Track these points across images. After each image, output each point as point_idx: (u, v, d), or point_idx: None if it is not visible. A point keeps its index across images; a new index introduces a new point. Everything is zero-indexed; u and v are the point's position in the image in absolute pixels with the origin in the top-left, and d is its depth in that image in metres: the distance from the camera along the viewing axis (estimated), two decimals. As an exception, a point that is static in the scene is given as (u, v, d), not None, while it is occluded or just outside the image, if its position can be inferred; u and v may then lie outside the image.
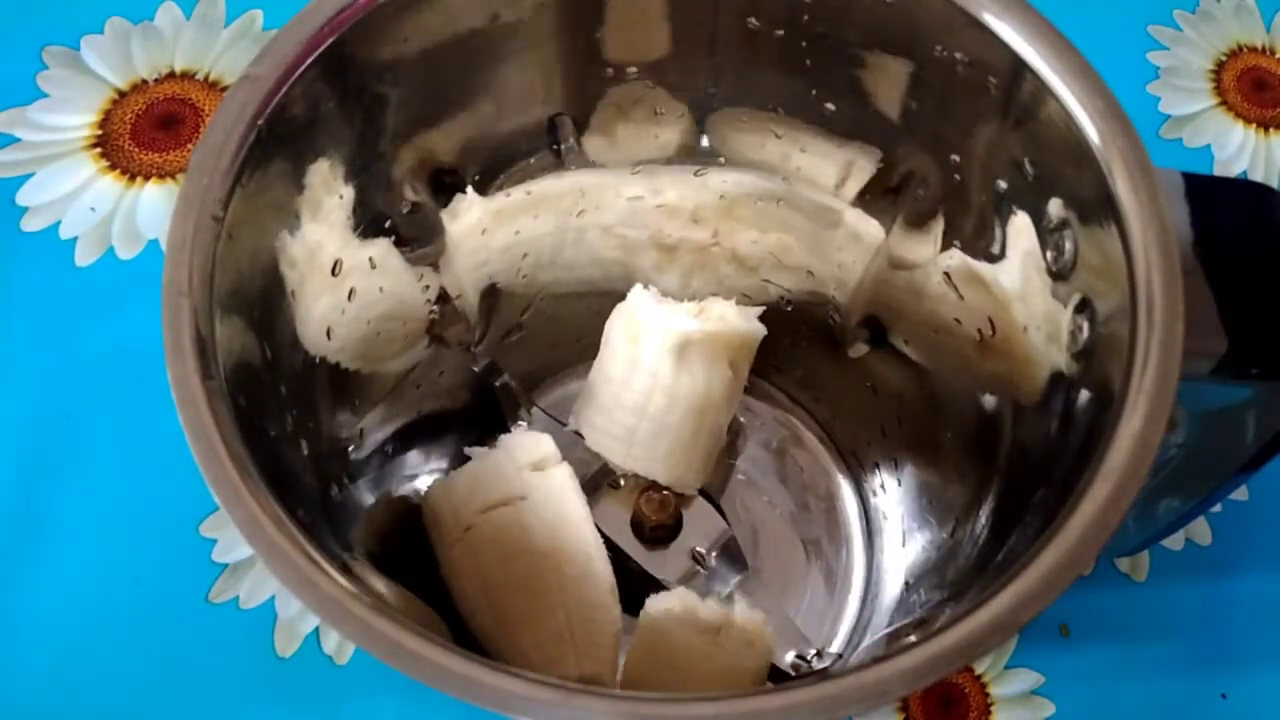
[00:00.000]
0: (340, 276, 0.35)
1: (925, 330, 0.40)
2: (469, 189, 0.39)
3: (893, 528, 0.45)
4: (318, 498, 0.34)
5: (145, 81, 0.55)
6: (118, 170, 0.53)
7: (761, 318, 0.42)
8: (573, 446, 0.43)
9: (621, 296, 0.42)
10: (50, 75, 0.55)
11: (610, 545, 0.41)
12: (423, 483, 0.43)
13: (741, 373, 0.42)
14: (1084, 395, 0.31)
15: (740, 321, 0.41)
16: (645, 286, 0.42)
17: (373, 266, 0.37)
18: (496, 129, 0.38)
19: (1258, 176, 0.57)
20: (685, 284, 0.45)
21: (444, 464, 0.44)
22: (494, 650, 0.38)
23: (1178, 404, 0.27)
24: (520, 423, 0.45)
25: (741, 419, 0.48)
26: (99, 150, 0.54)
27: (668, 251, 0.44)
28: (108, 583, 0.46)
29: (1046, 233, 0.33)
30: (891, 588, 0.44)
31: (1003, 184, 0.34)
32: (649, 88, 0.38)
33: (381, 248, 0.37)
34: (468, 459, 0.41)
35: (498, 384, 0.45)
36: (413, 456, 0.43)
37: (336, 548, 0.31)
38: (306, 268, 0.34)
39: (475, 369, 0.44)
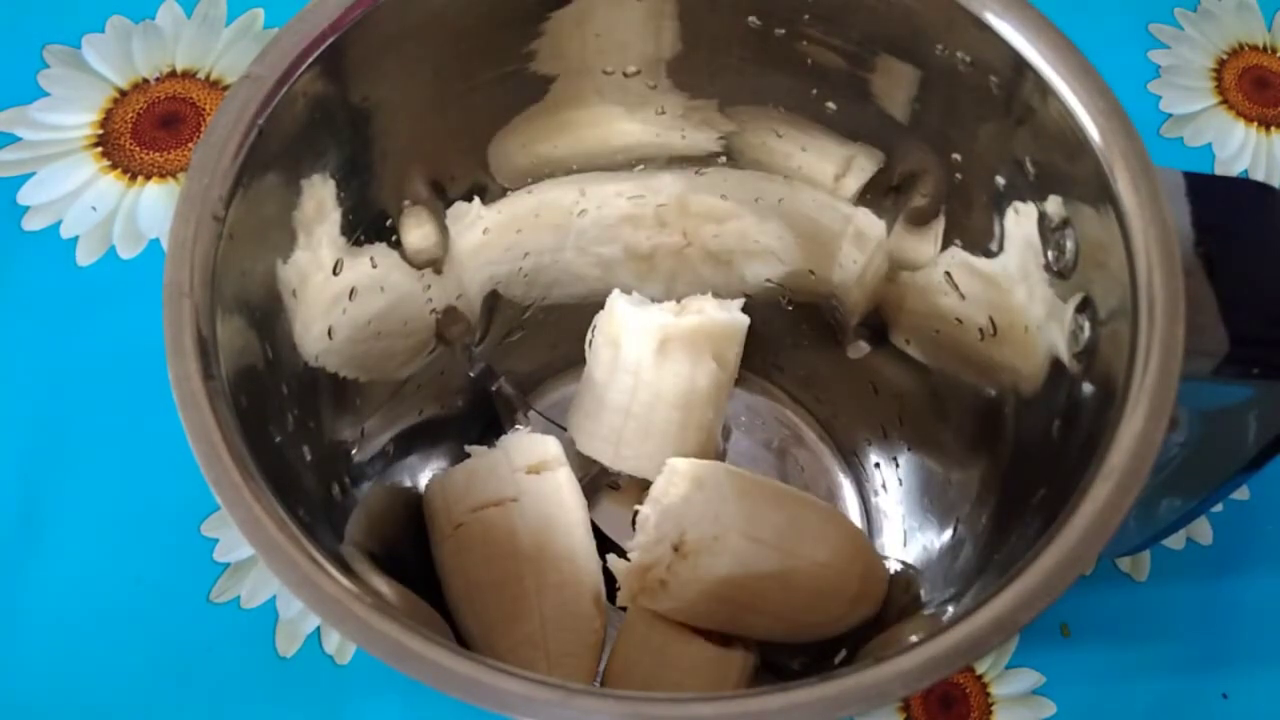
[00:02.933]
0: (341, 276, 0.35)
1: (926, 329, 0.40)
2: (470, 189, 0.39)
3: (894, 527, 0.45)
4: (319, 498, 0.34)
5: (146, 80, 0.55)
6: (119, 169, 0.53)
7: (763, 317, 0.42)
8: (571, 449, 0.43)
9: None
10: (51, 74, 0.55)
11: (614, 546, 0.41)
12: (424, 484, 0.43)
13: (728, 365, 0.42)
14: (1085, 395, 0.31)
15: (718, 312, 0.41)
16: (629, 294, 0.42)
17: (374, 266, 0.37)
18: (498, 128, 0.38)
19: (1259, 175, 0.57)
20: (669, 289, 0.45)
21: (445, 464, 0.44)
22: (477, 650, 0.38)
23: (1179, 403, 0.27)
24: (517, 427, 0.45)
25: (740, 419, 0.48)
26: (100, 149, 0.54)
27: (645, 260, 0.44)
28: (108, 582, 0.46)
29: (1048, 232, 0.33)
30: (892, 587, 0.44)
31: (1004, 183, 0.34)
32: (650, 87, 0.38)
33: (382, 247, 0.37)
34: (469, 457, 0.41)
35: (494, 388, 0.45)
36: (414, 458, 0.43)
37: (338, 548, 0.31)
38: (308, 267, 0.34)
39: (471, 374, 0.44)
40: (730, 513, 0.37)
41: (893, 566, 0.42)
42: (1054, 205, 0.32)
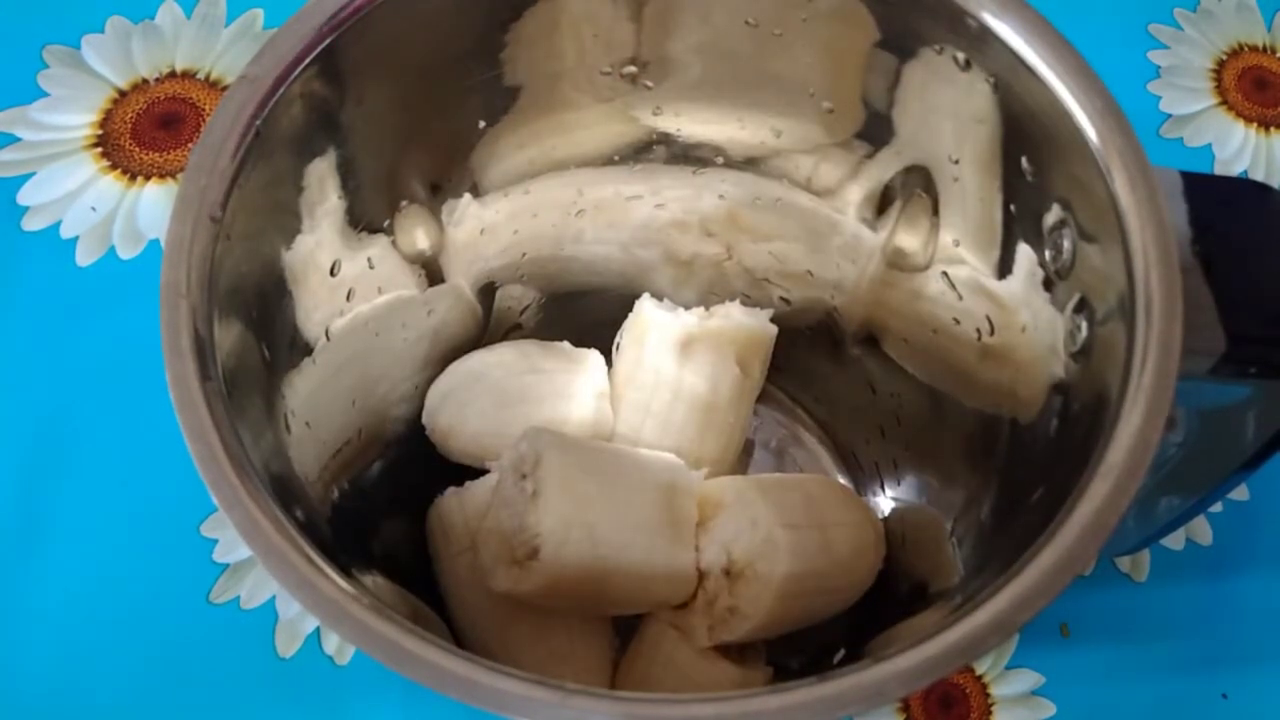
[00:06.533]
0: (338, 277, 0.35)
1: (924, 329, 0.40)
2: (467, 189, 0.39)
3: (892, 527, 0.45)
4: (317, 499, 0.34)
5: (146, 81, 0.55)
6: (118, 170, 0.53)
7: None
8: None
9: (620, 295, 0.42)
10: (51, 74, 0.55)
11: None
12: (423, 486, 0.43)
13: (754, 373, 0.42)
14: (1083, 394, 0.31)
15: (745, 318, 0.41)
16: (660, 299, 0.42)
17: (371, 267, 0.37)
18: (495, 128, 0.38)
19: (1258, 176, 0.57)
20: (703, 300, 0.45)
21: (444, 468, 0.44)
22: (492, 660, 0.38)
23: (1176, 403, 0.27)
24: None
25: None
26: (100, 150, 0.54)
27: (684, 266, 0.44)
28: (108, 583, 0.46)
29: (1045, 232, 0.33)
30: (891, 587, 0.44)
31: (1001, 183, 0.34)
32: (647, 87, 0.38)
33: (379, 248, 0.37)
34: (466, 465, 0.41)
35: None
36: (414, 460, 0.43)
37: (335, 549, 0.31)
38: (305, 268, 0.34)
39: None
40: (762, 512, 0.37)
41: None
42: (1051, 205, 0.32)
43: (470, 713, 0.26)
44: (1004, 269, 0.35)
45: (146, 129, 0.54)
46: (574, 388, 0.42)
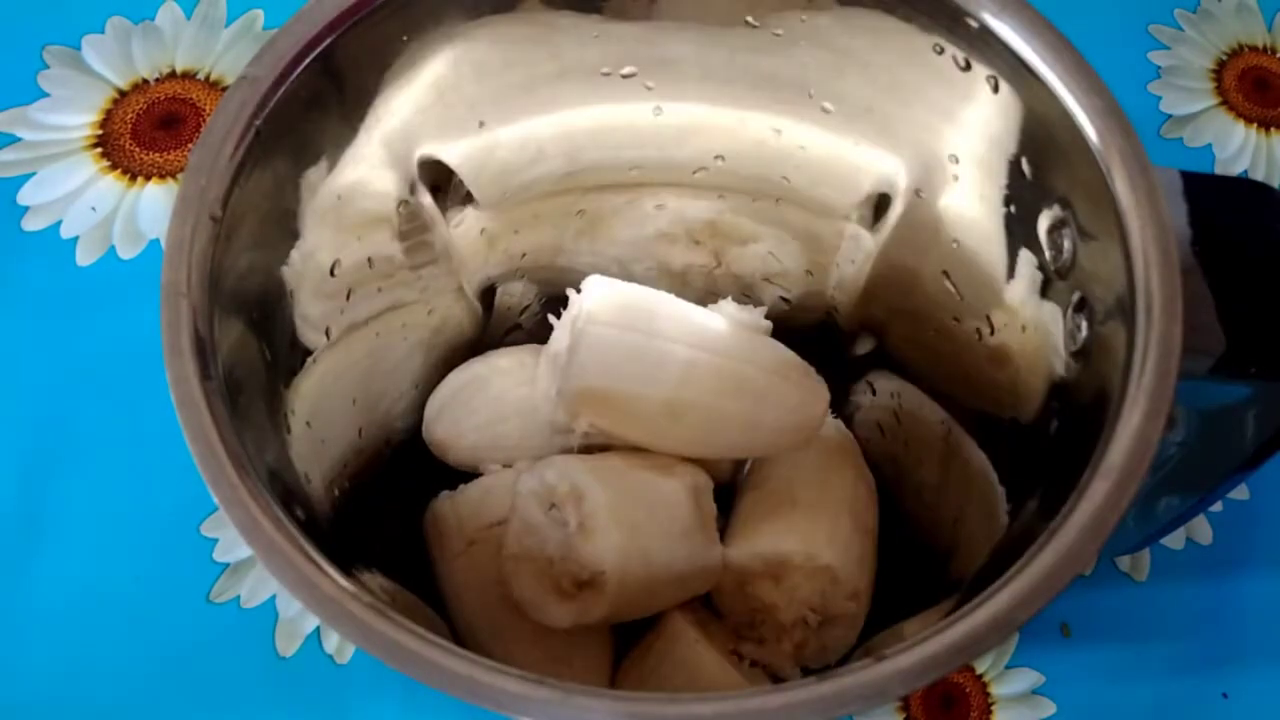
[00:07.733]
0: (338, 277, 0.35)
1: (924, 330, 0.40)
2: (467, 189, 0.39)
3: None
4: (317, 498, 0.34)
5: (146, 81, 0.55)
6: (119, 170, 0.53)
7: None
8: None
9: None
10: (51, 75, 0.55)
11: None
12: (423, 486, 0.43)
13: None
14: (1083, 394, 0.31)
15: (740, 313, 0.41)
16: None
17: (370, 266, 0.37)
18: (495, 128, 0.38)
19: (1259, 176, 0.57)
20: (703, 301, 0.45)
21: (445, 466, 0.44)
22: None
23: (1176, 402, 0.27)
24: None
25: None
26: (100, 150, 0.54)
27: (677, 278, 0.44)
28: (108, 582, 0.46)
29: (1045, 232, 0.33)
30: (891, 587, 0.44)
31: (1002, 183, 0.34)
32: (647, 88, 0.38)
33: (379, 248, 0.37)
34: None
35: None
36: (414, 460, 0.43)
37: (336, 548, 0.31)
38: (304, 267, 0.34)
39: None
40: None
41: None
42: (1051, 205, 0.32)
43: (470, 712, 0.26)
44: (1005, 270, 0.35)
45: (146, 129, 0.54)
46: None
